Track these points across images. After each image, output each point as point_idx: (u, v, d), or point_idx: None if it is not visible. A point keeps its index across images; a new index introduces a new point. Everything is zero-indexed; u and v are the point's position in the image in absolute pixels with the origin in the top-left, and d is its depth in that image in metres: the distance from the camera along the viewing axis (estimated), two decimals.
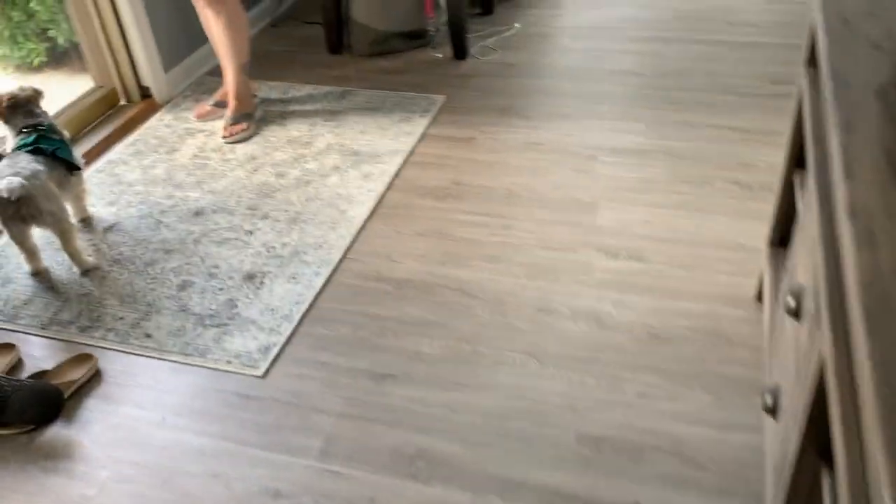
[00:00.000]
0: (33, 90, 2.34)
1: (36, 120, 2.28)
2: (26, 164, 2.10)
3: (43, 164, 2.14)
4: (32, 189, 2.06)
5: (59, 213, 2.14)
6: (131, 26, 2.92)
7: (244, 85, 2.89)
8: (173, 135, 2.90)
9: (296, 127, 2.89)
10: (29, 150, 2.17)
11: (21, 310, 2.12)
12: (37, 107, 2.32)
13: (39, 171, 2.10)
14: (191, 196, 2.54)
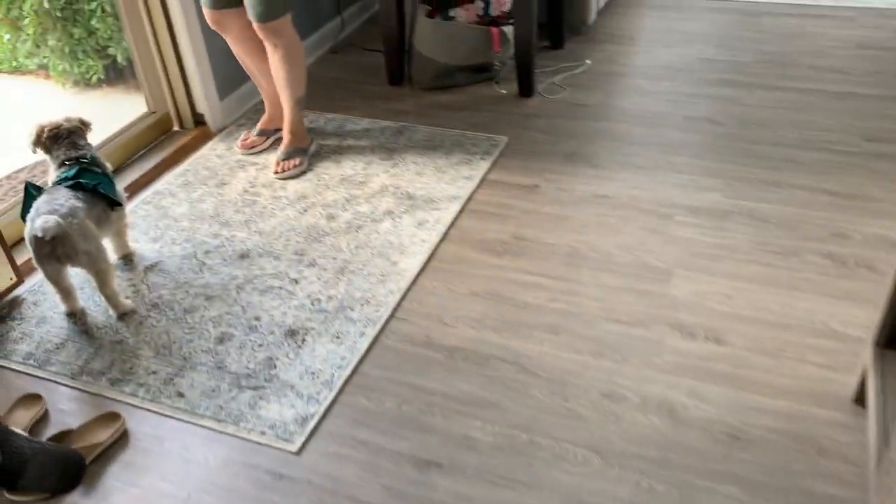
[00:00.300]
0: (79, 121, 2.25)
1: (79, 152, 2.18)
2: (64, 201, 2.00)
3: (82, 201, 2.04)
4: (69, 228, 1.95)
5: (96, 253, 2.03)
6: (188, 51, 2.83)
7: (299, 119, 2.77)
8: (224, 166, 2.80)
9: (350, 164, 2.76)
10: (69, 185, 2.07)
11: (53, 354, 2.01)
12: (81, 138, 2.22)
13: (78, 209, 2.00)
14: (237, 236, 2.42)
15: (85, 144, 2.22)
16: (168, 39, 2.82)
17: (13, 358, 2.01)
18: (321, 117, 3.08)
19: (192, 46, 2.82)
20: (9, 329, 2.11)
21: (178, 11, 2.75)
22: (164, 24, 2.78)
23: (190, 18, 2.78)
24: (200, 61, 2.87)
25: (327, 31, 3.67)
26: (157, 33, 2.81)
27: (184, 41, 2.82)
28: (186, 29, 2.78)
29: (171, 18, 2.78)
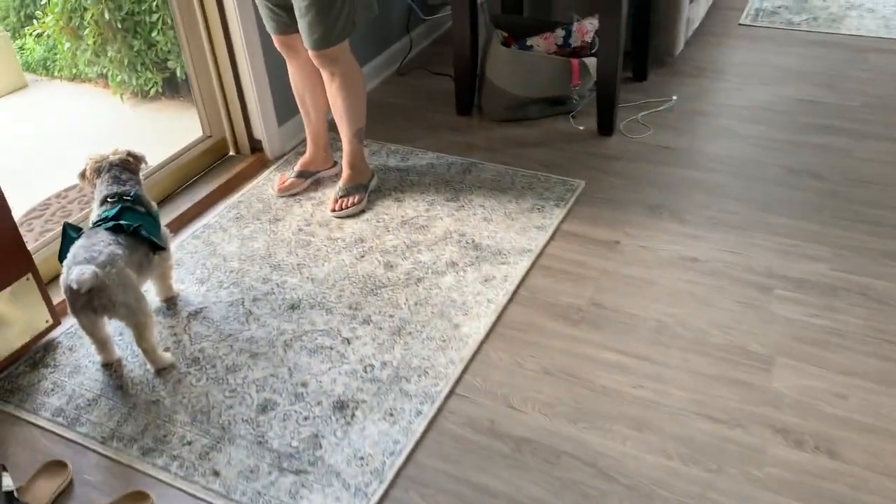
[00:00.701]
0: (127, 153, 2.10)
1: (122, 188, 2.03)
2: (103, 247, 1.84)
3: (122, 246, 1.88)
4: (106, 279, 1.79)
5: (135, 304, 1.87)
6: (247, 73, 2.67)
7: (359, 153, 2.58)
8: (279, 200, 2.62)
9: (412, 204, 2.55)
10: (109, 227, 1.91)
11: (84, 412, 1.85)
12: (126, 172, 2.07)
13: (117, 257, 1.84)
14: (288, 282, 2.23)
15: (129, 180, 2.06)
16: (227, 61, 2.65)
17: (42, 413, 1.86)
18: (383, 148, 2.88)
19: (252, 69, 2.66)
20: (41, 378, 1.96)
21: (238, 32, 2.59)
22: (223, 44, 2.62)
23: (250, 39, 2.61)
24: (260, 84, 2.70)
25: (395, 52, 3.47)
26: (216, 54, 2.65)
27: (243, 63, 2.65)
28: (246, 50, 2.62)
29: (231, 39, 2.62)
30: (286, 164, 2.82)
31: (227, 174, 2.74)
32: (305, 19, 2.23)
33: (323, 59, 2.32)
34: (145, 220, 2.02)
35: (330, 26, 2.25)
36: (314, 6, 2.20)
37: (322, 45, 2.28)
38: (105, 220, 1.95)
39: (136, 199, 2.03)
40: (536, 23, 3.04)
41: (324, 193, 2.63)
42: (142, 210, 2.03)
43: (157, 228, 2.06)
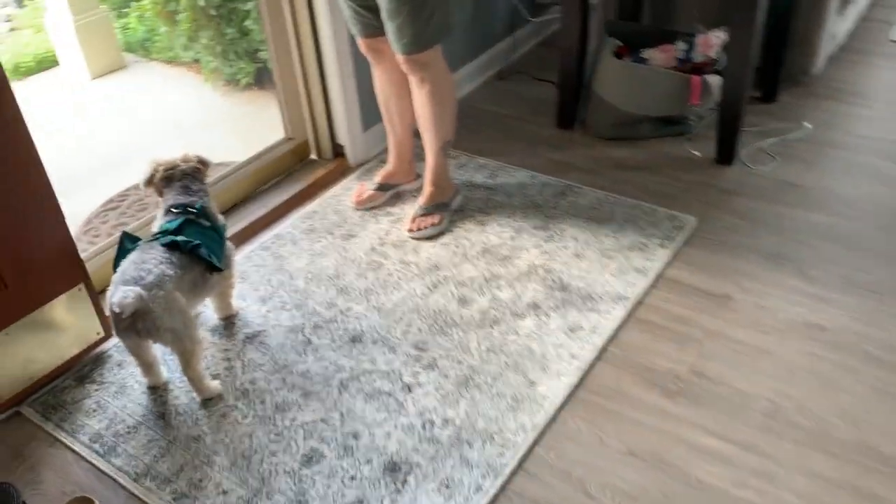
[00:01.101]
0: (198, 161, 1.95)
1: (189, 199, 1.88)
2: (154, 266, 1.69)
3: (175, 266, 1.73)
4: (150, 302, 1.65)
5: (181, 331, 1.72)
6: (334, 74, 2.49)
7: (444, 168, 2.36)
8: (355, 213, 2.43)
9: (497, 230, 2.31)
10: (165, 243, 1.76)
11: (122, 441, 1.73)
12: (196, 182, 1.93)
13: (166, 278, 1.69)
14: (353, 310, 2.04)
15: (199, 190, 1.92)
16: (314, 60, 2.48)
17: (80, 436, 1.75)
18: (472, 161, 2.65)
19: (339, 69, 2.47)
20: (85, 395, 1.85)
21: (326, 30, 2.41)
22: (310, 42, 2.45)
23: (339, 38, 2.42)
24: (346, 86, 2.52)
25: (497, 53, 3.22)
26: (302, 52, 2.48)
27: (330, 62, 2.47)
28: (335, 50, 2.43)
29: (318, 37, 2.44)
30: (368, 172, 2.63)
31: (305, 180, 2.58)
32: (395, 22, 2.02)
33: (412, 64, 2.11)
34: (207, 236, 1.87)
35: (421, 29, 2.03)
36: (404, 7, 1.99)
37: (412, 49, 2.06)
38: (165, 232, 1.81)
39: (201, 211, 1.88)
40: (655, 32, 2.72)
41: (402, 210, 2.43)
42: (206, 224, 1.88)
43: (219, 245, 1.91)
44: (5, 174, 1.64)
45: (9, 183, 1.65)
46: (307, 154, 2.70)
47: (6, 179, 1.65)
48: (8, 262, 1.69)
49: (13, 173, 1.66)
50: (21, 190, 1.68)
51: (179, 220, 1.84)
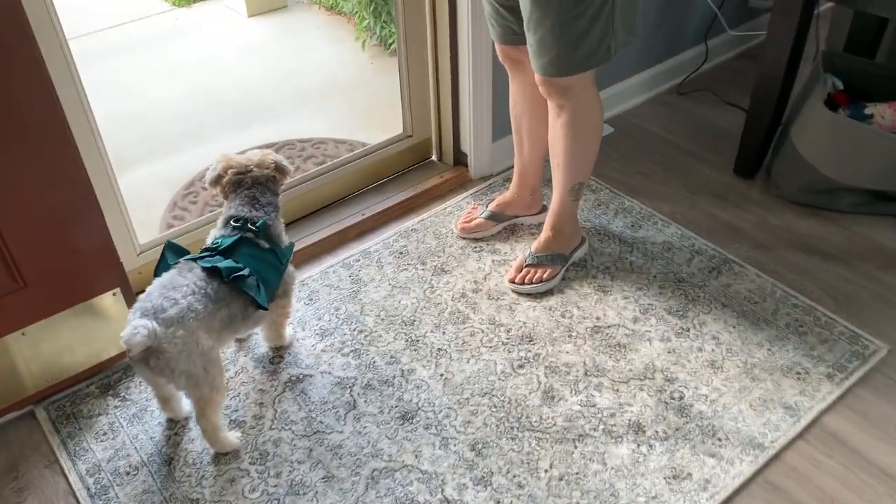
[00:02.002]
0: (276, 168, 1.65)
1: (252, 213, 1.60)
2: (182, 295, 1.43)
3: (207, 299, 1.45)
4: (165, 341, 1.39)
5: (200, 377, 1.45)
6: (467, 73, 2.09)
7: (570, 213, 1.92)
8: (458, 241, 2.06)
9: (619, 303, 1.85)
10: (208, 266, 1.49)
11: (117, 482, 1.51)
12: (267, 193, 1.64)
13: (191, 314, 1.42)
14: (416, 375, 1.70)
15: (267, 204, 1.63)
16: (448, 53, 2.09)
17: (79, 463, 1.55)
18: (615, 200, 2.18)
19: (474, 67, 2.07)
20: (102, 411, 1.66)
21: (466, 23, 2.00)
22: (447, 33, 2.06)
23: (479, 34, 2.01)
24: (480, 87, 2.11)
25: (682, 62, 2.66)
26: (437, 43, 2.10)
27: (465, 58, 2.07)
28: (471, 44, 2.03)
29: (457, 29, 2.05)
30: (490, 190, 2.23)
31: (416, 186, 2.23)
32: (535, 35, 1.59)
33: (551, 87, 1.67)
34: (263, 261, 1.58)
35: (566, 49, 1.58)
36: (548, 18, 1.55)
37: (552, 71, 1.63)
38: (214, 250, 1.55)
39: (262, 230, 1.59)
40: (891, 79, 2.07)
41: (513, 249, 2.02)
42: (264, 246, 1.59)
43: (275, 273, 1.61)
44: (40, 170, 1.42)
45: (43, 179, 1.43)
46: (427, 154, 2.34)
47: (40, 176, 1.43)
48: (29, 260, 1.49)
49: (49, 170, 1.44)
50: (56, 187, 1.46)
51: (234, 237, 1.57)
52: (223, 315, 1.50)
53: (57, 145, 1.41)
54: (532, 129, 1.92)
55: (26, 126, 1.36)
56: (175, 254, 1.56)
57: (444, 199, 2.22)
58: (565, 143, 1.76)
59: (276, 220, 1.65)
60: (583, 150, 1.80)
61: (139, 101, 3.00)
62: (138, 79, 3.17)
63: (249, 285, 1.52)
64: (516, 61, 1.81)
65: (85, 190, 1.49)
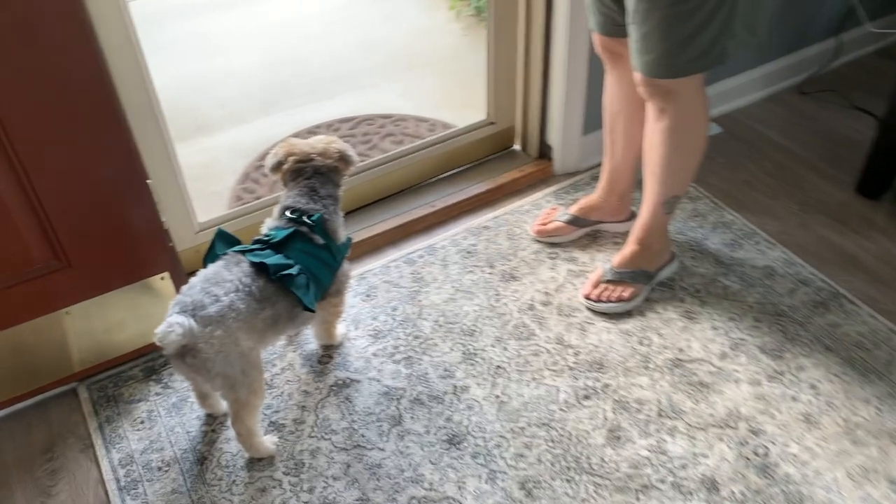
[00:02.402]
0: (340, 157, 1.53)
1: (309, 205, 1.49)
2: (225, 292, 1.33)
3: (251, 298, 1.35)
4: (203, 341, 1.30)
5: (237, 379, 1.36)
6: (560, 60, 1.89)
7: (661, 228, 1.71)
8: (532, 244, 1.89)
9: (706, 334, 1.65)
10: (256, 260, 1.39)
11: (146, 478, 1.45)
12: (328, 184, 1.53)
13: (232, 314, 1.32)
14: (470, 393, 1.56)
15: (327, 196, 1.51)
16: (541, 35, 1.90)
17: (113, 452, 1.50)
18: (715, 212, 1.95)
19: (569, 53, 1.87)
20: (143, 396, 1.60)
21: (563, 7, 1.81)
22: (542, 13, 1.86)
23: (577, 18, 1.81)
24: (573, 75, 1.91)
25: (808, 57, 2.36)
26: (530, 23, 1.91)
27: (559, 42, 1.88)
28: (567, 30, 1.83)
29: (552, 11, 1.85)
30: (574, 189, 2.04)
31: (495, 178, 2.06)
32: (640, 29, 1.39)
33: (653, 89, 1.47)
34: (317, 258, 1.47)
35: (676, 47, 1.37)
36: (657, 12, 1.35)
37: (656, 71, 1.42)
38: (266, 242, 1.44)
39: (317, 225, 1.47)
40: None
41: (592, 259, 1.84)
42: (319, 242, 1.48)
43: (329, 271, 1.50)
44: (83, 146, 1.34)
45: (87, 156, 1.35)
46: (509, 143, 2.17)
47: (83, 153, 1.34)
48: (74, 239, 1.42)
49: (93, 147, 1.35)
50: (101, 165, 1.37)
51: (288, 230, 1.46)
52: (267, 315, 1.39)
53: (103, 120, 1.32)
54: (627, 129, 1.72)
55: (67, 95, 1.27)
56: (225, 243, 1.47)
57: (523, 196, 2.05)
58: (663, 152, 1.56)
59: (335, 214, 1.53)
60: (682, 162, 1.59)
61: (222, 63, 2.93)
62: (223, 39, 3.11)
63: (298, 285, 1.41)
64: (615, 55, 1.61)
65: (133, 171, 1.40)
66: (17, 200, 1.32)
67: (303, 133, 2.51)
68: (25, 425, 1.55)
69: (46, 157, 1.31)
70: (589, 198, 1.89)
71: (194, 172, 2.40)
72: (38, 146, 1.29)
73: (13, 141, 1.26)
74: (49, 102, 1.26)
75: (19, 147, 1.27)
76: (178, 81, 2.79)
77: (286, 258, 1.43)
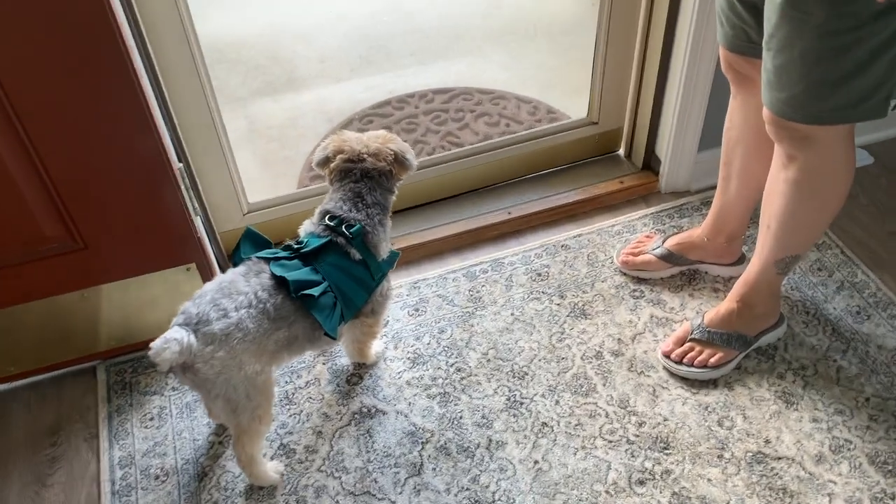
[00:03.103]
0: (395, 159, 1.32)
1: (352, 213, 1.30)
2: (237, 305, 1.18)
3: (265, 317, 1.19)
4: (200, 360, 1.15)
5: (240, 404, 1.21)
6: (680, 64, 1.58)
7: (771, 290, 1.41)
8: (616, 275, 1.62)
9: (803, 425, 1.35)
10: (279, 273, 1.22)
11: (141, 486, 1.34)
12: (377, 190, 1.33)
13: (238, 334, 1.16)
14: (505, 453, 1.35)
15: (374, 204, 1.31)
16: (662, 32, 1.59)
17: (115, 449, 1.40)
18: (845, 266, 1.60)
19: (691, 56, 1.55)
20: (158, 390, 1.48)
21: (691, 3, 1.48)
22: (665, 8, 1.55)
23: (706, 20, 1.48)
24: (695, 82, 1.60)
25: None
26: (650, 22, 1.60)
27: (682, 44, 1.56)
28: (692, 30, 1.51)
29: (679, 6, 1.53)
30: (679, 214, 1.75)
31: (589, 187, 1.80)
32: (776, 59, 1.08)
33: (783, 131, 1.16)
34: (350, 275, 1.29)
35: (819, 89, 1.07)
36: (800, 42, 1.04)
37: (791, 113, 1.12)
38: (297, 251, 1.27)
39: (357, 238, 1.28)
40: None
41: (683, 305, 1.56)
42: (356, 257, 1.29)
43: (363, 291, 1.31)
44: (105, 125, 1.19)
45: (107, 136, 1.21)
46: (612, 147, 1.88)
47: (104, 132, 1.20)
48: (90, 221, 1.29)
49: (118, 127, 1.20)
50: (122, 145, 1.23)
51: (323, 239, 1.28)
52: (280, 337, 1.23)
53: (121, 93, 1.16)
54: (746, 164, 1.40)
55: (77, 57, 1.11)
56: (253, 244, 1.30)
57: (616, 213, 1.77)
58: (786, 205, 1.25)
59: (379, 226, 1.32)
60: (809, 220, 1.27)
61: (329, 10, 2.74)
62: None
63: (320, 307, 1.23)
64: (743, 76, 1.29)
65: (156, 154, 1.25)
66: (25, 174, 1.20)
67: (394, 101, 2.31)
68: (40, 398, 1.49)
69: (55, 129, 1.17)
70: (691, 232, 1.60)
71: (272, 132, 2.26)
72: (44, 117, 1.15)
73: (17, 110, 1.12)
74: (56, 66, 1.10)
75: (24, 117, 1.13)
76: (278, 28, 2.63)
77: (314, 273, 1.25)
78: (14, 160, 1.17)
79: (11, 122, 1.14)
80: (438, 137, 2.13)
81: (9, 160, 1.17)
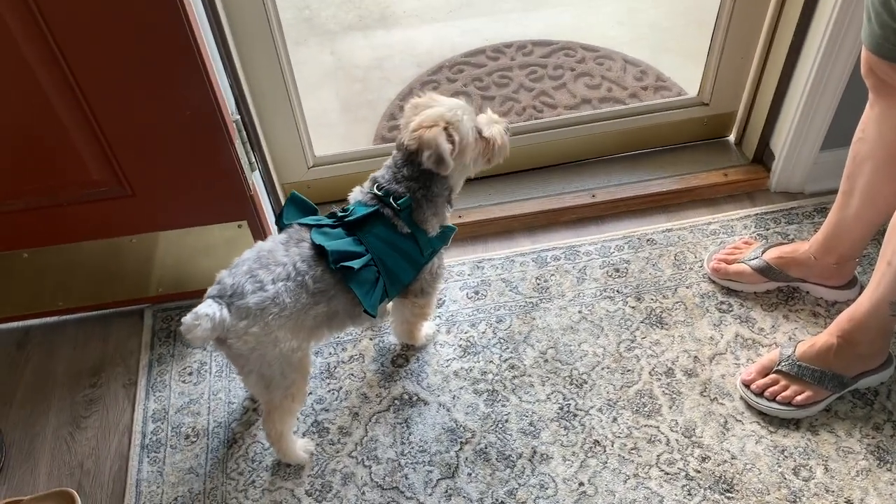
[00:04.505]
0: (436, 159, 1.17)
1: (402, 185, 1.17)
2: (274, 279, 1.09)
3: (303, 290, 1.10)
4: (233, 336, 1.09)
5: (274, 380, 1.15)
6: (811, 55, 1.35)
7: (881, 329, 1.22)
8: (703, 281, 1.45)
9: (894, 490, 1.17)
10: (318, 242, 1.12)
11: (171, 444, 1.31)
12: (420, 169, 1.18)
13: (275, 307, 1.08)
14: (549, 468, 1.24)
15: (414, 179, 1.17)
16: (798, 12, 1.35)
17: (151, 400, 1.37)
18: None
19: (828, 44, 1.32)
20: None
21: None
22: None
23: (845, 16, 1.25)
24: (828, 72, 1.37)
25: None
26: (783, 6, 1.37)
27: (819, 29, 1.33)
28: (833, 16, 1.28)
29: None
30: (787, 219, 1.54)
31: (682, 177, 1.61)
32: None
33: None
34: (396, 249, 1.18)
35: None
36: None
37: None
38: (342, 219, 1.17)
39: (405, 208, 1.17)
40: None
41: (775, 327, 1.37)
42: (404, 231, 1.17)
43: (410, 265, 1.20)
44: (157, 73, 1.10)
45: (158, 84, 1.12)
46: (722, 133, 1.67)
47: (155, 79, 1.11)
48: (138, 168, 1.23)
49: (170, 76, 1.11)
50: (173, 95, 1.14)
51: (371, 208, 1.17)
52: (320, 312, 1.14)
53: (173, 41, 1.07)
54: (872, 183, 1.19)
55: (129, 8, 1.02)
56: (297, 209, 1.21)
57: (715, 209, 1.58)
58: None
59: (429, 201, 1.19)
60: None
61: None
62: None
63: (361, 280, 1.13)
64: (886, 85, 1.07)
65: (209, 105, 1.15)
66: (72, 116, 1.14)
67: (489, 50, 2.14)
68: (86, 336, 1.47)
69: (100, 72, 1.09)
70: (797, 246, 1.40)
71: (357, 72, 2.14)
72: (90, 60, 1.07)
73: (65, 53, 1.05)
74: (106, 12, 1.02)
75: (71, 61, 1.06)
76: None
77: (356, 244, 1.15)
78: (61, 102, 1.12)
79: (60, 65, 1.07)
80: (531, 96, 1.96)
81: (56, 102, 1.11)
